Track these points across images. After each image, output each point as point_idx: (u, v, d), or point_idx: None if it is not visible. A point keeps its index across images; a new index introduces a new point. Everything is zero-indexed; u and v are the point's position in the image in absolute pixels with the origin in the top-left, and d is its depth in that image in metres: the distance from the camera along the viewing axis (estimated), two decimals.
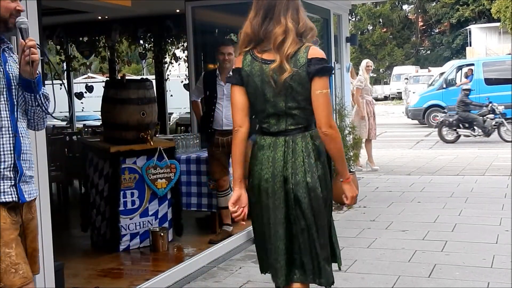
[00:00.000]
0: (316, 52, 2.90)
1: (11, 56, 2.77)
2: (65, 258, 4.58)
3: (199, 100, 6.27)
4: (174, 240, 5.94)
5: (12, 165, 2.70)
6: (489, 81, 19.50)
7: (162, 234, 5.61)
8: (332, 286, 2.97)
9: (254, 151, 3.11)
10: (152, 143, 5.68)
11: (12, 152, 2.69)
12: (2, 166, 2.67)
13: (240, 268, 5.23)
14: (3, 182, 2.68)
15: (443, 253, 5.42)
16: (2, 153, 2.68)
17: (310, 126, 2.95)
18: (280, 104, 2.92)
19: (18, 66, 2.70)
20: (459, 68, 21.05)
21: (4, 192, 2.67)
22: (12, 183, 2.71)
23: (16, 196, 2.72)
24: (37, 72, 2.71)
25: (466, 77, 20.29)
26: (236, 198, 2.99)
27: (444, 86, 20.40)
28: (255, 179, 3.03)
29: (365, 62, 10.54)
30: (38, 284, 3.64)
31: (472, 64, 20.65)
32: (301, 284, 2.99)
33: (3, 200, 2.67)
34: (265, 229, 3.02)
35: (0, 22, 2.67)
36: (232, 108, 3.05)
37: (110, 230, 5.61)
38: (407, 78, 32.46)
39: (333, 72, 3.31)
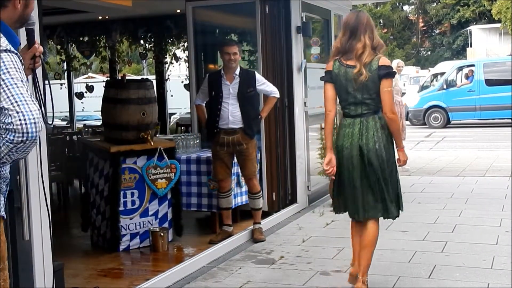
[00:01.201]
0: (384, 61, 4.19)
1: None
2: (65, 258, 4.58)
3: (204, 104, 6.23)
4: (174, 240, 5.95)
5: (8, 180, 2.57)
6: (489, 82, 19.50)
7: (162, 234, 5.62)
8: (395, 218, 4.42)
9: (338, 130, 4.40)
10: (152, 143, 5.69)
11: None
12: (6, 183, 2.55)
13: (240, 268, 5.23)
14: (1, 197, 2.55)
15: (443, 254, 5.42)
16: (8, 170, 2.53)
17: (378, 111, 4.24)
18: (358, 96, 4.22)
19: None
20: (460, 69, 21.06)
21: (1, 206, 2.53)
22: (4, 198, 2.56)
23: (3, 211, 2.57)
24: None
25: (467, 78, 20.30)
26: (328, 160, 4.30)
27: (445, 87, 20.40)
28: (339, 147, 4.29)
29: (396, 62, 10.47)
30: (38, 284, 3.65)
31: (473, 65, 20.66)
32: (373, 218, 4.30)
33: (3, 214, 2.54)
34: (345, 181, 4.27)
35: (21, 21, 2.57)
36: (325, 98, 4.35)
37: (110, 230, 5.62)
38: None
39: (395, 73, 4.15)
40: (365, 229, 4.32)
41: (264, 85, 6.11)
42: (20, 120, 2.17)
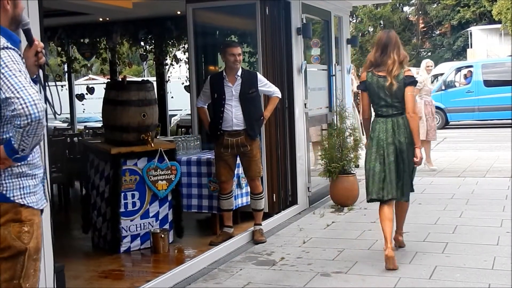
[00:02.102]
0: (408, 72, 5.22)
1: None
2: (66, 259, 4.59)
3: (206, 107, 6.22)
4: (174, 242, 5.95)
5: (43, 168, 2.72)
6: (488, 83, 19.49)
7: (162, 235, 5.62)
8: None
9: (373, 125, 5.31)
10: (152, 145, 5.69)
11: (43, 156, 2.73)
12: (41, 171, 2.67)
13: (241, 269, 5.23)
14: (41, 189, 2.67)
15: (443, 254, 5.42)
16: (40, 156, 2.67)
17: (403, 112, 5.19)
18: (388, 100, 5.20)
19: None
20: (458, 70, 21.06)
21: (41, 199, 2.66)
22: (43, 187, 2.72)
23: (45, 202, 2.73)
24: None
25: (465, 78, 20.29)
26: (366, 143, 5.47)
27: (443, 88, 20.40)
28: (373, 139, 5.24)
29: (425, 62, 10.43)
30: (39, 286, 3.64)
31: (471, 66, 20.65)
32: (395, 200, 5.28)
33: (43, 206, 2.68)
34: (377, 167, 5.18)
35: (15, 22, 2.68)
36: (362, 104, 5.50)
37: (111, 231, 5.62)
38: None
39: (416, 82, 5.45)
40: (399, 205, 5.47)
41: (266, 86, 6.11)
42: (21, 104, 2.37)
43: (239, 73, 5.92)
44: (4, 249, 2.54)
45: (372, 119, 5.40)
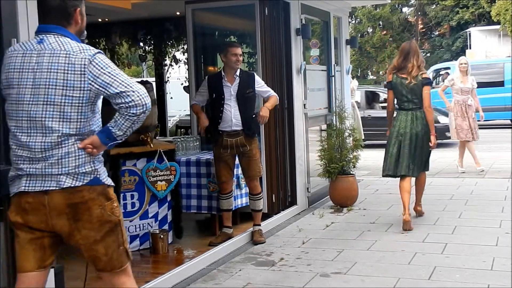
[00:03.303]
0: (425, 75, 6.50)
1: None
2: (65, 261, 4.57)
3: (200, 105, 6.20)
4: (174, 242, 5.95)
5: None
6: None
7: (162, 236, 5.62)
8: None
9: (396, 116, 6.59)
10: (152, 145, 5.68)
11: None
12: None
13: (240, 270, 5.23)
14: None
15: (443, 255, 5.42)
16: None
17: (421, 107, 6.47)
18: (409, 96, 6.49)
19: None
20: (437, 71, 21.15)
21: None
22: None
23: None
24: None
25: (443, 80, 20.32)
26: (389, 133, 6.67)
27: None
28: (395, 127, 6.52)
29: (458, 59, 10.25)
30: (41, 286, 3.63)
31: (449, 68, 20.70)
32: (410, 177, 6.54)
33: (112, 183, 3.08)
34: (394, 150, 6.48)
35: (79, 34, 3.06)
36: (388, 99, 6.74)
37: None
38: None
39: (432, 83, 7.13)
40: (417, 181, 6.85)
41: (263, 87, 6.11)
42: (138, 96, 2.84)
43: (238, 73, 5.92)
44: (104, 226, 2.97)
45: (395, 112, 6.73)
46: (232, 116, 5.87)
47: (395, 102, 6.66)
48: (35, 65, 2.86)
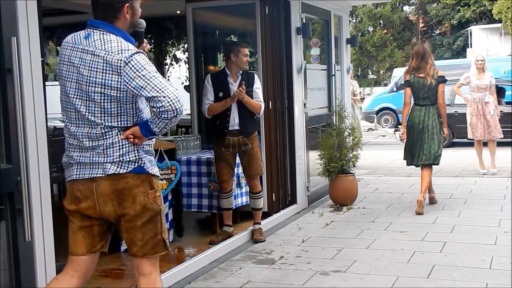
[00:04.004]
0: (440, 73, 7.23)
1: None
2: (66, 258, 4.60)
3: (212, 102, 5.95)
4: (175, 241, 5.97)
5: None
6: None
7: None
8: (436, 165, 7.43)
9: (411, 112, 7.33)
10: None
11: None
12: (149, 142, 3.14)
13: (240, 268, 5.26)
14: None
15: (441, 254, 5.45)
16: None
17: (435, 103, 7.22)
18: (425, 94, 7.20)
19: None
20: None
21: (157, 169, 3.21)
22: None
23: None
24: None
25: None
26: (403, 132, 7.42)
27: (395, 89, 20.54)
28: (411, 121, 7.31)
29: (474, 56, 10.01)
30: (40, 285, 3.67)
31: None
32: (428, 165, 7.28)
33: (158, 174, 3.19)
34: (415, 141, 7.26)
35: (132, 27, 3.19)
36: (405, 95, 7.40)
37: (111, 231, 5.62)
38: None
39: (446, 80, 7.31)
40: (425, 169, 7.32)
41: (259, 91, 6.05)
42: (168, 102, 2.87)
43: (240, 71, 5.95)
44: (145, 213, 3.05)
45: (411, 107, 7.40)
46: (235, 115, 5.89)
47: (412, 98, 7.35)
48: (79, 61, 2.97)
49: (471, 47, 39.17)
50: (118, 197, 3.03)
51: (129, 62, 2.90)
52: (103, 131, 2.98)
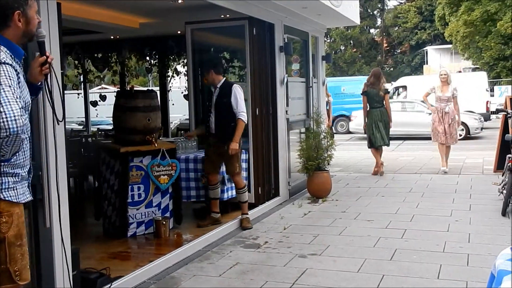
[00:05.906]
0: (385, 86, 9.67)
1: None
2: (80, 243, 4.55)
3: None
4: (174, 228, 5.93)
5: (29, 167, 2.58)
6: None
7: (164, 222, 5.60)
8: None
9: (369, 113, 9.52)
10: (156, 145, 5.66)
11: (30, 155, 2.59)
12: (24, 170, 2.54)
13: (231, 251, 5.22)
14: (24, 185, 2.54)
15: (402, 239, 5.44)
16: (25, 158, 2.53)
17: (383, 106, 9.49)
18: (377, 99, 9.45)
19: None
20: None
21: (23, 194, 2.52)
22: (28, 184, 2.59)
23: (31, 195, 2.59)
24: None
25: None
26: (365, 125, 9.70)
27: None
28: (371, 119, 9.48)
29: (439, 71, 9.93)
30: (57, 265, 3.62)
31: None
32: (380, 146, 9.66)
33: (24, 200, 2.53)
34: (371, 132, 9.47)
35: (27, 36, 2.60)
36: (363, 102, 9.55)
37: (119, 219, 5.59)
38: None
39: (389, 92, 8.75)
40: (380, 149, 9.62)
41: (236, 102, 5.81)
42: (2, 118, 2.20)
43: (220, 83, 5.91)
44: None
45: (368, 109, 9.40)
46: (212, 120, 5.93)
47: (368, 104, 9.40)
48: None
49: (427, 64, 39.43)
50: None
51: None
52: None
